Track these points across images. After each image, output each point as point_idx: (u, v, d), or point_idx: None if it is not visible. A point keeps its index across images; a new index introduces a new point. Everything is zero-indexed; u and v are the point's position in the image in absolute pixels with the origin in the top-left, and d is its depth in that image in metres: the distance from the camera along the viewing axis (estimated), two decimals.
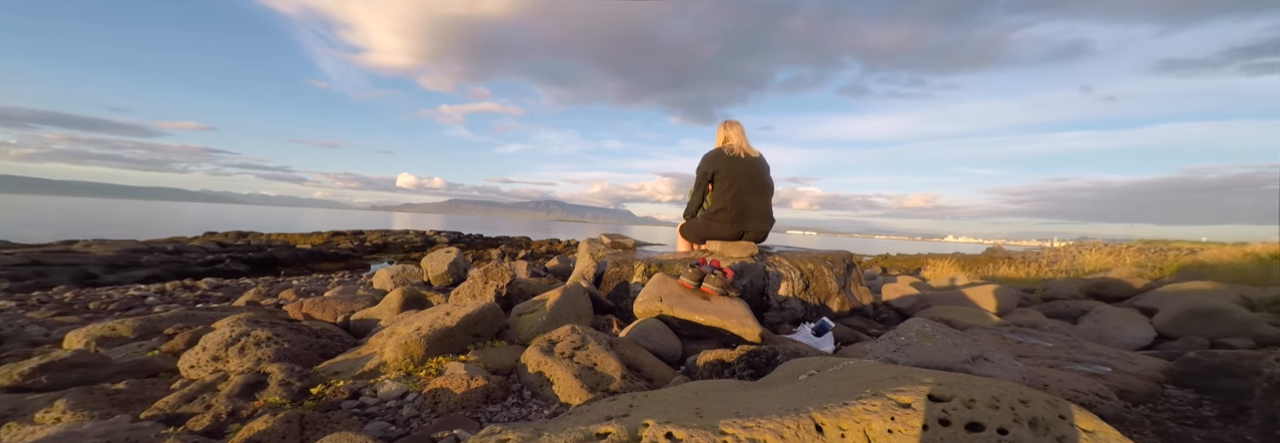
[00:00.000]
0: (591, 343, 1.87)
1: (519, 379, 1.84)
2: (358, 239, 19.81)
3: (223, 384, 1.76)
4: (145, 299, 4.87)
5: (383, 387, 1.77)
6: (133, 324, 2.89)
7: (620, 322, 2.70)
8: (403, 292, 3.41)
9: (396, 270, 4.72)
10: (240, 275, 9.82)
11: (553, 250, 19.44)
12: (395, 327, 2.49)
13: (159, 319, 3.06)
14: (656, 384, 1.82)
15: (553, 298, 2.52)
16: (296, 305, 3.67)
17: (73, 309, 4.32)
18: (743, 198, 3.30)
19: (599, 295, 3.05)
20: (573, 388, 1.63)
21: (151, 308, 4.40)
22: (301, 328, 2.57)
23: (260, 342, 2.23)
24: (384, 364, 2.12)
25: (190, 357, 2.14)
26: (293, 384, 1.80)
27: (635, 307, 2.55)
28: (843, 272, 3.58)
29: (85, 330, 2.76)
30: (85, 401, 1.49)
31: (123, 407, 1.47)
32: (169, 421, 1.36)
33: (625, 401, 1.17)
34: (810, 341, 2.55)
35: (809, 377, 1.25)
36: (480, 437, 0.98)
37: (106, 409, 1.42)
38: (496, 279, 3.24)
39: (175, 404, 1.44)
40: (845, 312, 3.34)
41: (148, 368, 2.10)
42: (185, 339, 2.56)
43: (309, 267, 12.51)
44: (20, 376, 1.90)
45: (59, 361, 2.03)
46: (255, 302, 4.52)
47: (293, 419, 1.30)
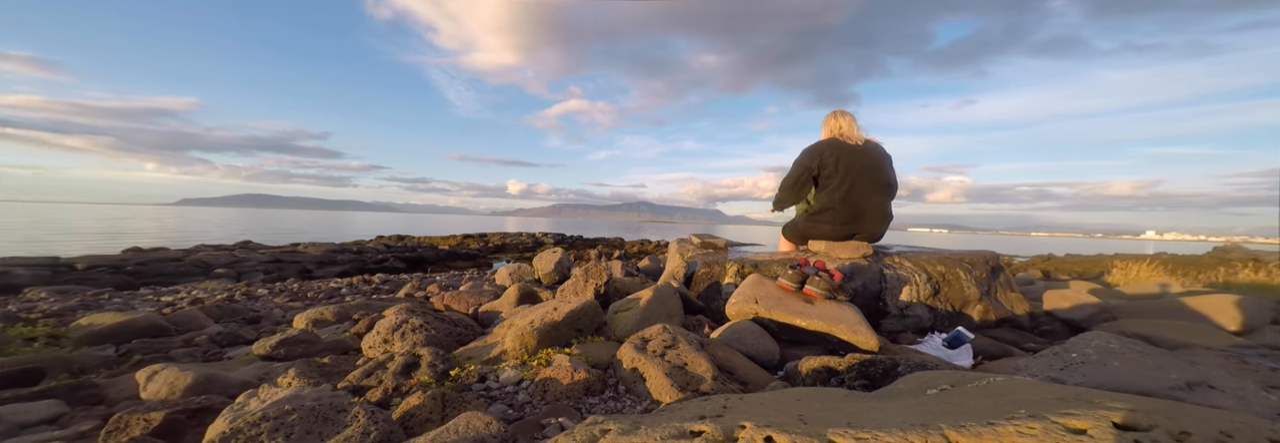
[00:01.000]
0: (682, 342, 1.89)
1: (615, 374, 1.93)
2: (483, 241, 22.40)
3: (390, 363, 2.15)
4: (340, 290, 6.10)
5: (503, 373, 2.00)
6: (333, 310, 3.64)
7: (711, 323, 2.67)
8: (519, 288, 3.80)
9: (513, 268, 5.26)
10: (400, 272, 11.73)
11: (643, 251, 19.79)
12: (513, 319, 2.69)
13: (349, 307, 3.81)
14: (750, 388, 1.77)
15: (645, 297, 2.57)
16: (439, 298, 4.30)
17: (298, 297, 5.59)
18: (856, 197, 2.94)
19: (689, 296, 3.05)
20: (663, 386, 1.65)
21: (344, 298, 5.49)
22: (444, 317, 3.01)
23: (415, 328, 2.67)
24: (505, 353, 2.37)
25: (369, 339, 2.64)
26: (438, 366, 2.13)
27: (728, 308, 2.49)
28: (985, 275, 3.09)
29: (305, 314, 3.56)
30: (305, 370, 1.94)
31: (327, 377, 1.89)
32: (355, 391, 1.72)
33: (718, 401, 1.16)
34: (941, 352, 2.26)
35: (941, 392, 1.08)
36: (585, 426, 1.04)
37: (317, 379, 1.84)
38: (595, 278, 3.44)
39: (359, 378, 1.80)
40: (989, 322, 2.90)
41: (343, 346, 2.65)
42: (365, 324, 3.16)
43: (448, 265, 14.47)
44: (269, 347, 2.53)
45: (290, 337, 2.66)
46: (411, 294, 5.39)
47: (437, 397, 1.55)
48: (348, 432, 1.26)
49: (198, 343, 2.82)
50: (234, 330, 3.12)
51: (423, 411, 1.46)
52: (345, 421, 1.32)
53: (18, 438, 1.41)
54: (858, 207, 2.96)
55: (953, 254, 3.15)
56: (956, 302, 2.91)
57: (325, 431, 1.24)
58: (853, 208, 2.96)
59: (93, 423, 1.53)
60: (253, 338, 3.02)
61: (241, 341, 2.95)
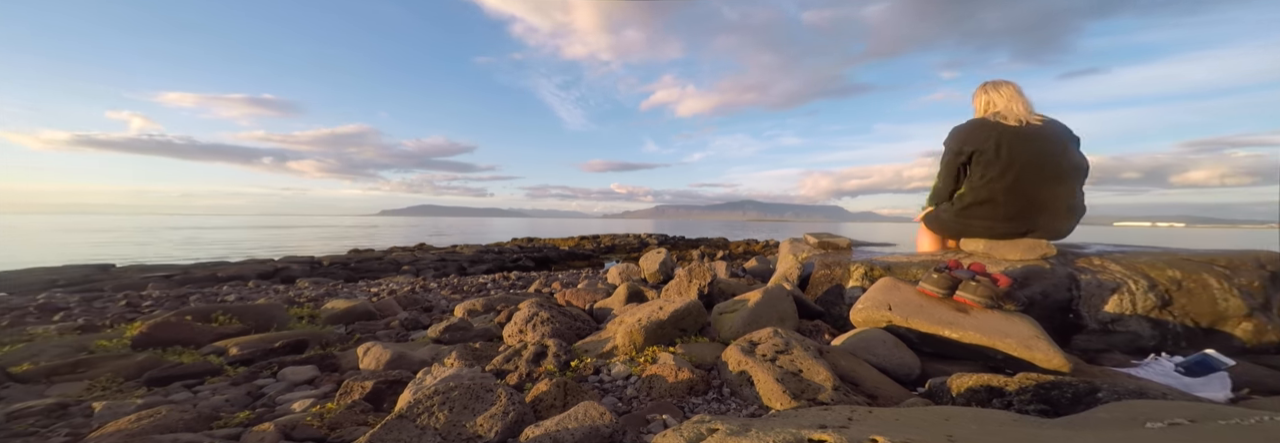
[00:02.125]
0: (797, 348, 1.77)
1: (719, 376, 1.90)
2: (595, 242, 23.88)
3: (524, 352, 2.44)
4: (486, 285, 7.07)
5: (614, 368, 2.12)
6: (482, 302, 4.25)
7: (832, 330, 2.46)
8: (627, 287, 3.98)
9: (623, 268, 5.52)
10: (530, 270, 13.12)
11: (750, 251, 18.96)
12: (623, 316, 2.76)
13: (493, 299, 4.41)
14: (880, 402, 1.59)
15: (753, 299, 2.47)
16: (562, 294, 4.72)
17: (458, 290, 6.64)
18: (1027, 186, 2.36)
19: (805, 299, 2.84)
20: (774, 392, 1.57)
21: (489, 292, 6.36)
22: (566, 312, 3.30)
23: (543, 321, 2.98)
24: (616, 348, 2.50)
25: (508, 328, 3.01)
26: (561, 357, 2.36)
27: (853, 315, 2.24)
28: (1259, 283, 2.36)
29: (463, 305, 4.21)
30: (463, 354, 2.31)
31: (478, 361, 2.23)
32: (498, 374, 2.00)
33: (842, 412, 1.07)
34: (1172, 379, 1.77)
35: (1172, 427, 0.87)
36: (692, 423, 1.03)
37: (471, 361, 2.18)
38: (699, 278, 3.43)
39: (500, 364, 2.09)
40: (1263, 345, 2.24)
41: (489, 334, 3.09)
42: (505, 315, 3.62)
43: (567, 264, 15.76)
44: (438, 332, 3.06)
45: (452, 324, 3.19)
46: (539, 290, 6.01)
47: (561, 385, 1.72)
48: (493, 409, 1.47)
49: (393, 326, 3.53)
50: (415, 317, 3.84)
51: (549, 396, 1.64)
52: (491, 399, 1.55)
53: (291, 393, 1.96)
54: (1030, 198, 2.39)
55: (1196, 255, 2.43)
56: (1203, 317, 2.23)
57: (477, 407, 1.47)
58: (1023, 199, 2.40)
59: (332, 386, 2.05)
60: (427, 324, 3.68)
61: (420, 326, 3.62)
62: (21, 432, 1.56)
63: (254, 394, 1.97)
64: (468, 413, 1.42)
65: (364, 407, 1.66)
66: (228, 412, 1.72)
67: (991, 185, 2.43)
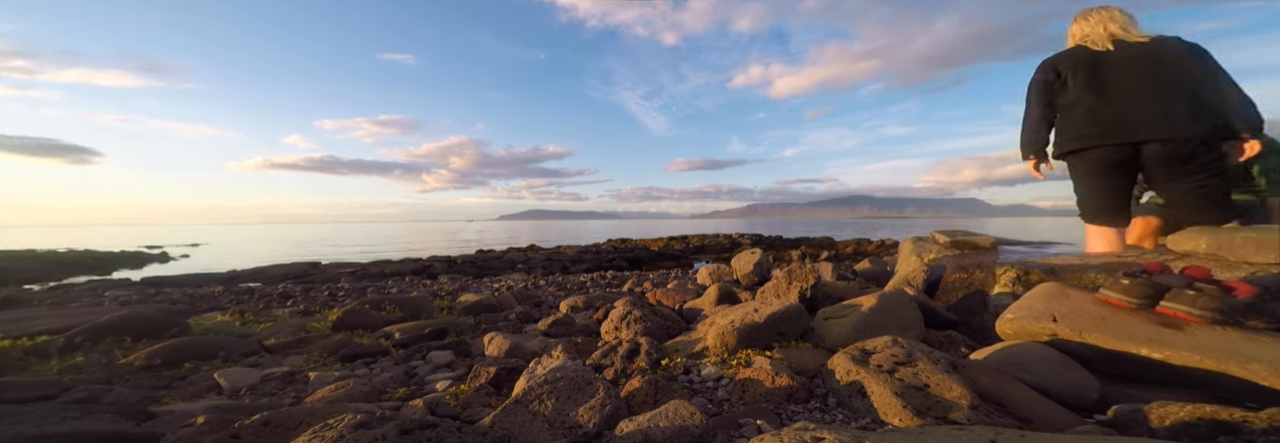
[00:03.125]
0: (923, 360, 1.56)
1: (824, 385, 1.76)
2: (684, 243, 23.80)
3: (619, 348, 2.53)
4: (586, 284, 7.51)
5: (705, 369, 2.09)
6: (583, 299, 4.52)
7: (970, 341, 2.15)
8: (718, 288, 3.90)
9: (713, 269, 5.41)
10: (623, 269, 13.59)
11: (861, 251, 17.05)
12: (715, 318, 2.71)
13: (592, 297, 4.66)
14: (1036, 427, 1.33)
15: (867, 304, 2.24)
16: (653, 294, 4.79)
17: (562, 287, 7.17)
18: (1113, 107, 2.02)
19: (933, 306, 2.48)
20: (892, 406, 1.39)
21: (589, 289, 6.74)
22: (657, 311, 3.34)
23: (636, 319, 3.07)
24: (706, 349, 2.46)
25: (605, 325, 3.16)
26: (653, 355, 2.40)
27: (1002, 325, 1.93)
28: None
29: (567, 301, 4.53)
30: (567, 347, 2.49)
31: (580, 354, 2.38)
32: (596, 368, 2.10)
33: (982, 434, 0.93)
34: None
35: None
36: (794, 430, 0.98)
37: (574, 355, 2.34)
38: (800, 280, 3.20)
39: (598, 359, 2.20)
40: None
41: (589, 329, 3.27)
42: (602, 312, 3.80)
43: (657, 264, 15.97)
44: (547, 326, 3.33)
45: (558, 319, 3.45)
46: (632, 289, 6.20)
47: (653, 383, 1.75)
48: (592, 401, 1.56)
49: (511, 319, 3.94)
50: (528, 311, 4.24)
51: (641, 393, 1.67)
52: (591, 392, 1.63)
53: (435, 374, 2.30)
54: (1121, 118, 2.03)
55: None
56: None
57: (579, 397, 1.57)
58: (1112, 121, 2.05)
59: (465, 369, 2.37)
60: (538, 318, 4.04)
61: (532, 319, 3.98)
62: (268, 392, 2.09)
63: (409, 373, 2.35)
64: (571, 403, 1.52)
65: (488, 390, 1.88)
66: (391, 387, 2.09)
67: (1073, 113, 2.07)
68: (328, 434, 1.18)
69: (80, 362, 2.46)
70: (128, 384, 2.16)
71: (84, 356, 2.59)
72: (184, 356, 2.53)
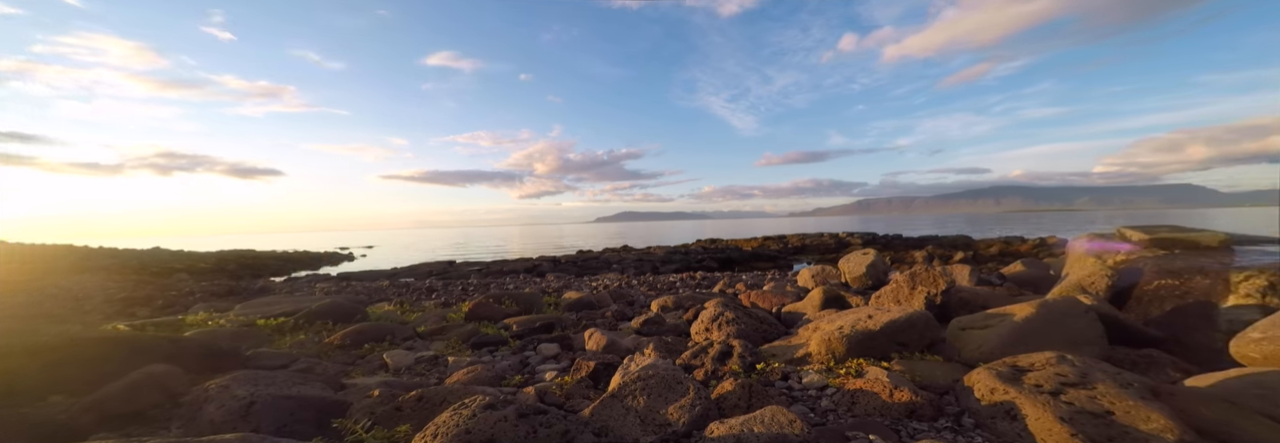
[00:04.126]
0: (1103, 383, 1.31)
1: (957, 403, 1.53)
2: (782, 243, 22.41)
3: (710, 349, 2.49)
4: (675, 284, 7.54)
5: (807, 376, 1.95)
6: (673, 299, 4.55)
7: (1184, 365, 1.71)
8: (823, 291, 3.59)
9: (816, 271, 5.02)
10: (713, 270, 13.32)
11: (1012, 252, 14.02)
12: (819, 323, 2.56)
13: (682, 298, 4.66)
14: None
15: (1021, 314, 1.93)
16: (746, 295, 4.62)
17: (653, 287, 7.31)
18: None
19: (1124, 319, 2.04)
20: (1056, 434, 1.18)
21: (678, 290, 6.76)
22: (751, 313, 3.21)
23: (728, 321, 2.99)
24: (809, 355, 2.30)
25: (695, 326, 3.14)
26: (747, 358, 2.31)
27: (1242, 346, 1.54)
28: None
29: (657, 301, 4.61)
30: (658, 346, 2.53)
31: (670, 354, 2.41)
32: (686, 368, 2.11)
33: None
34: None
35: None
36: None
37: (665, 354, 2.37)
38: (928, 285, 2.80)
39: (687, 359, 2.20)
40: None
41: (679, 329, 3.28)
42: (692, 313, 3.78)
43: (751, 265, 15.30)
44: (639, 324, 3.43)
45: (650, 319, 3.52)
46: (723, 290, 6.05)
47: (746, 387, 1.69)
48: (682, 400, 1.56)
49: (608, 316, 4.15)
50: (622, 309, 4.42)
51: (733, 396, 1.63)
52: (682, 391, 1.64)
53: (544, 365, 2.53)
54: None
55: None
56: None
57: (669, 396, 1.59)
58: None
59: (568, 362, 2.56)
60: (631, 316, 4.18)
61: (626, 317, 4.14)
62: (419, 372, 2.52)
63: (523, 362, 2.62)
64: (662, 401, 1.55)
65: (587, 383, 2.01)
66: (509, 375, 2.36)
67: None
68: (464, 413, 1.38)
69: (302, 339, 3.25)
70: (330, 360, 2.79)
71: (304, 334, 3.42)
72: (364, 338, 3.17)
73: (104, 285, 7.82)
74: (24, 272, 10.04)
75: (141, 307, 6.03)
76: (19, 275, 8.53)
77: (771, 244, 21.85)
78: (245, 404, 1.65)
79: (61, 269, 11.59)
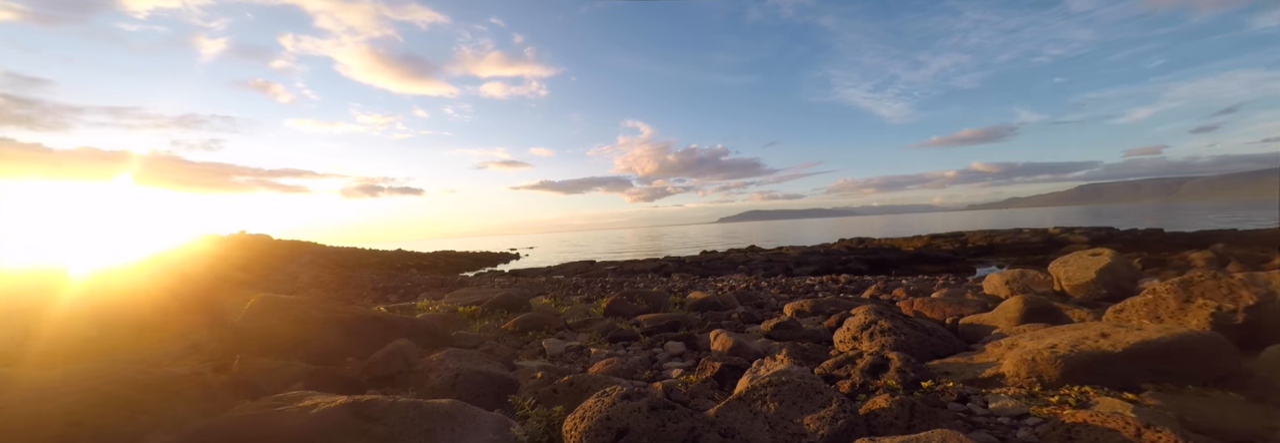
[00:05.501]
0: None
1: None
2: (958, 242, 18.31)
3: (859, 360, 2.20)
4: (814, 287, 6.87)
5: (996, 400, 1.57)
6: (810, 304, 4.16)
7: None
8: (1023, 300, 2.86)
9: (1012, 276, 4.05)
10: (863, 273, 11.64)
11: None
12: (1017, 338, 2.15)
13: (822, 302, 4.23)
14: None
15: None
16: (908, 303, 3.92)
17: (785, 290, 6.82)
18: None
19: None
20: None
21: (817, 294, 6.14)
22: (915, 323, 2.74)
23: (884, 330, 2.59)
24: (1001, 377, 1.87)
25: (839, 333, 2.81)
26: (907, 373, 1.97)
27: None
28: None
29: (791, 305, 4.28)
30: (792, 352, 2.34)
31: (806, 361, 2.20)
32: (827, 378, 1.90)
33: None
34: None
35: None
36: None
37: (800, 361, 2.18)
38: (1217, 298, 2.02)
39: (830, 368, 1.97)
40: None
41: (817, 336, 2.98)
42: (836, 319, 3.39)
43: (913, 268, 12.87)
44: (769, 328, 3.24)
45: (782, 323, 3.30)
46: (876, 296, 5.25)
47: (905, 404, 1.44)
48: (822, 411, 1.41)
49: (734, 318, 4.03)
50: (750, 312, 4.24)
51: (888, 414, 1.40)
52: (821, 401, 1.49)
53: (671, 362, 2.59)
54: None
55: None
56: None
57: (805, 405, 1.46)
58: None
59: (693, 361, 2.58)
60: (760, 319, 3.97)
61: (754, 320, 3.95)
62: (568, 360, 2.87)
63: (652, 358, 2.74)
64: (796, 409, 1.43)
65: (712, 383, 1.99)
66: (639, 370, 2.50)
67: None
68: (605, 400, 1.52)
69: (486, 324, 4.03)
70: (504, 343, 3.39)
71: (487, 320, 4.23)
72: (528, 326, 3.76)
73: (371, 277, 11.09)
74: (329, 266, 14.96)
75: (391, 293, 8.33)
76: (328, 272, 12.75)
77: (943, 244, 18.07)
78: (453, 376, 2.12)
79: (349, 265, 16.96)
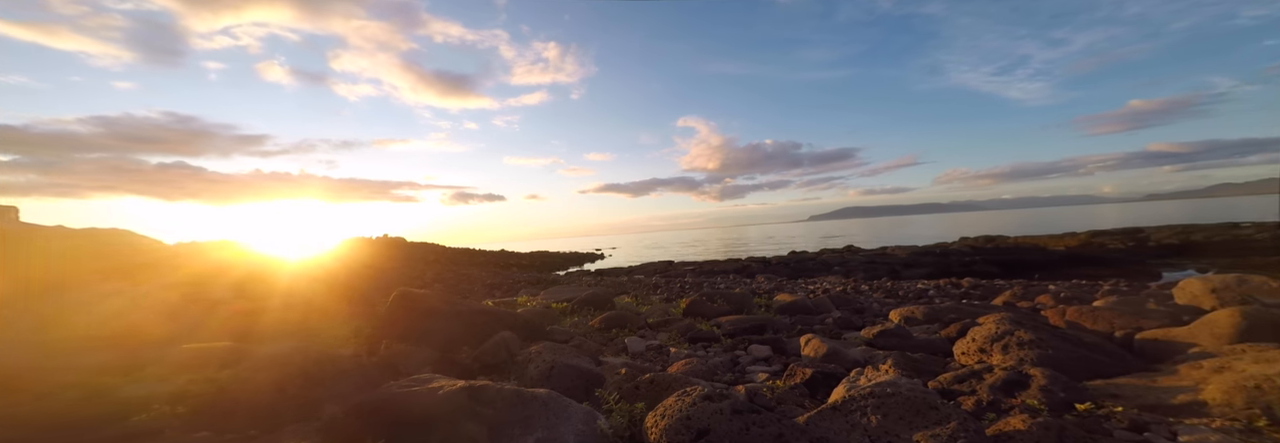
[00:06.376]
0: None
1: None
2: (1133, 239, 14.51)
3: (987, 375, 1.86)
4: (928, 292, 6.00)
5: (1191, 433, 1.22)
6: (923, 310, 3.65)
7: None
8: (1242, 313, 2.21)
9: (1223, 282, 3.16)
10: (993, 277, 9.82)
11: None
12: (1230, 360, 1.75)
13: (939, 309, 3.67)
14: None
15: None
16: (1058, 311, 3.24)
17: (891, 294, 6.05)
18: None
19: None
20: None
21: (932, 299, 5.34)
22: (1067, 336, 2.25)
23: (1023, 343, 2.16)
24: (1201, 405, 1.47)
25: (961, 344, 2.41)
26: (1055, 393, 1.61)
27: None
28: None
29: (899, 311, 3.79)
30: (900, 362, 2.07)
31: (918, 373, 1.92)
32: (944, 393, 1.62)
33: None
34: None
35: None
36: None
37: (910, 372, 1.91)
38: None
39: (949, 382, 1.69)
40: None
41: (933, 346, 2.59)
42: (957, 328, 2.92)
43: (1064, 271, 10.48)
44: (872, 335, 2.90)
45: (887, 330, 2.93)
46: (1011, 303, 4.40)
47: (1051, 428, 1.18)
48: (938, 429, 1.22)
49: (828, 323, 3.70)
50: (848, 317, 3.84)
51: (1026, 437, 1.16)
52: (937, 418, 1.29)
53: (754, 366, 2.46)
54: None
55: None
56: None
57: (915, 421, 1.27)
58: None
59: (780, 366, 2.41)
60: (860, 325, 3.58)
61: (852, 326, 3.57)
62: (648, 358, 2.90)
63: (733, 361, 2.64)
64: (903, 425, 1.25)
65: (802, 391, 1.84)
66: (720, 372, 2.41)
67: None
68: (686, 400, 1.50)
69: (575, 320, 4.28)
70: (591, 339, 3.56)
71: (576, 317, 4.49)
72: (612, 324, 3.90)
73: (480, 275, 12.54)
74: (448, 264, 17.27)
75: (496, 290, 9.31)
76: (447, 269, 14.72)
77: (1108, 242, 14.50)
78: (549, 367, 2.27)
79: (462, 263, 19.42)
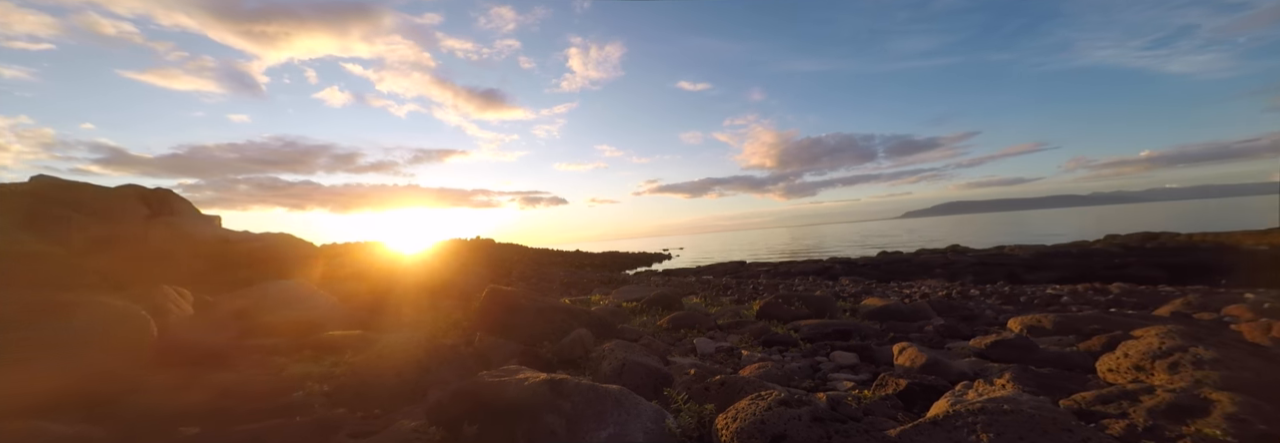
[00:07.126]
0: None
1: None
2: None
3: (1146, 397, 1.51)
4: (1060, 298, 5.04)
5: None
6: (1053, 319, 3.08)
7: None
8: None
9: None
10: (1155, 282, 7.91)
11: None
12: None
13: (1076, 318, 3.08)
14: None
15: None
16: (1259, 326, 2.54)
17: (1010, 300, 5.20)
18: None
19: None
20: None
21: (1066, 306, 4.47)
22: (1269, 355, 1.76)
23: (1200, 362, 1.73)
24: None
25: (1108, 360, 1.99)
26: (1248, 423, 1.25)
27: None
28: None
29: (1020, 319, 3.25)
30: (1021, 376, 1.76)
31: (1045, 390, 1.61)
32: (1080, 415, 1.34)
33: None
34: None
35: None
36: None
37: (1034, 389, 1.61)
38: None
39: (1090, 402, 1.40)
40: None
41: (1066, 361, 2.16)
42: (1101, 341, 2.42)
43: (1265, 275, 8.08)
44: (985, 346, 2.52)
45: (1005, 340, 2.53)
46: (1184, 314, 3.53)
47: None
48: None
49: (927, 331, 3.29)
50: (953, 325, 3.37)
51: None
52: (1067, 441, 1.07)
53: (838, 373, 2.26)
54: None
55: None
56: None
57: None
58: None
59: (868, 375, 2.18)
60: (968, 334, 3.12)
61: (959, 335, 3.13)
62: (719, 359, 2.81)
63: (814, 367, 2.46)
64: None
65: (895, 402, 1.64)
66: (797, 377, 2.26)
67: None
68: (760, 404, 1.44)
69: (644, 319, 4.33)
70: (660, 338, 3.57)
71: (645, 316, 4.55)
72: (681, 324, 3.88)
73: (558, 274, 13.32)
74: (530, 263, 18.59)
75: (572, 288, 9.81)
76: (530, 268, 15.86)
77: None
78: (620, 364, 2.33)
79: (542, 262, 20.83)
